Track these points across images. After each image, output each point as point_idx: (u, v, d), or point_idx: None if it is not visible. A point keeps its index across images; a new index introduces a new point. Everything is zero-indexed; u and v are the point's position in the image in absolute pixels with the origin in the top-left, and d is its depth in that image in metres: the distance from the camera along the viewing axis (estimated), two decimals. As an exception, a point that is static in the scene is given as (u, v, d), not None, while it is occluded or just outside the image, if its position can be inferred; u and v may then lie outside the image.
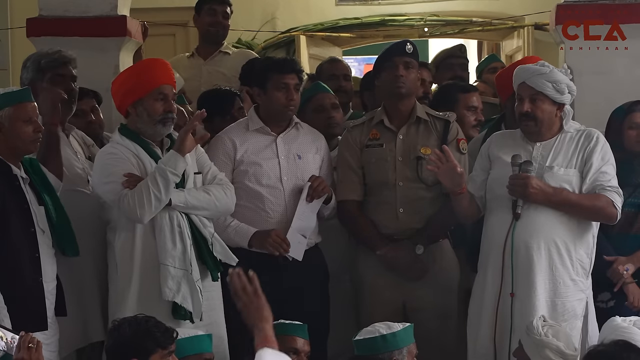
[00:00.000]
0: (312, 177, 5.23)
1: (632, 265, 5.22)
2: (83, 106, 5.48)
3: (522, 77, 4.95)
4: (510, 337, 4.79)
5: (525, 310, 4.78)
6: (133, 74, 5.00)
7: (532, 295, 4.79)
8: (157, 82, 4.86)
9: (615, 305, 5.23)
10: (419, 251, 5.22)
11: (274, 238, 5.12)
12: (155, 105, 4.82)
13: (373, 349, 4.40)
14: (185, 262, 4.75)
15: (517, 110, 4.95)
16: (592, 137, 4.95)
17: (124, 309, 4.63)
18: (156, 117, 4.83)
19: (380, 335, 4.41)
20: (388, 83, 5.29)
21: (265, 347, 3.61)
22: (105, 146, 5.04)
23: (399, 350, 4.43)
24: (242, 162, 5.24)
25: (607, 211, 4.88)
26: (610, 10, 5.92)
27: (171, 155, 4.74)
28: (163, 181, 4.67)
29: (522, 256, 4.81)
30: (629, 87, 5.92)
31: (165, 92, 4.85)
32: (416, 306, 5.25)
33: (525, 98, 4.90)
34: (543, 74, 4.88)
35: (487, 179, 5.02)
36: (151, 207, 4.66)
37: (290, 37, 9.15)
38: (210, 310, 4.86)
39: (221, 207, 4.94)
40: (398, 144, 5.29)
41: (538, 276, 4.80)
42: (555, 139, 4.97)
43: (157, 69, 4.94)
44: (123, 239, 4.78)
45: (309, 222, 5.20)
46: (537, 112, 4.89)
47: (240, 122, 5.44)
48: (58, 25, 6.00)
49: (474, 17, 9.47)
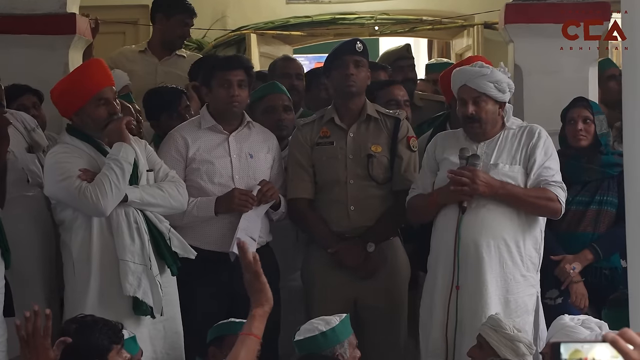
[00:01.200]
0: (263, 182, 5.24)
1: (578, 264, 5.28)
2: (24, 101, 5.44)
3: (462, 79, 4.97)
4: (455, 331, 4.83)
5: (478, 308, 4.81)
6: (70, 82, 4.92)
7: (483, 292, 4.82)
8: (95, 87, 4.80)
9: (562, 302, 5.29)
10: (370, 249, 5.24)
11: (238, 196, 5.13)
12: (98, 111, 4.79)
13: (314, 347, 4.35)
14: (144, 257, 4.74)
15: (461, 113, 4.97)
16: (534, 132, 5.00)
17: (84, 308, 4.58)
18: (101, 122, 4.80)
19: (320, 333, 4.36)
20: (339, 82, 5.30)
21: (246, 337, 3.59)
22: (54, 147, 4.98)
23: (341, 344, 4.41)
24: (194, 160, 5.24)
25: (551, 206, 4.93)
26: (559, 10, 5.97)
27: (119, 146, 4.74)
28: (120, 170, 4.67)
29: (472, 254, 4.84)
30: (576, 86, 5.99)
31: (105, 97, 4.81)
32: (367, 304, 5.27)
33: (468, 100, 4.93)
34: (484, 75, 4.91)
35: (435, 180, 5.04)
36: (113, 196, 4.65)
37: (240, 35, 9.13)
38: (168, 305, 4.85)
39: (175, 204, 4.94)
40: (349, 141, 5.31)
41: (489, 274, 4.83)
42: (498, 136, 5.01)
43: (93, 73, 4.88)
44: (80, 238, 4.75)
45: (255, 225, 5.20)
46: (481, 114, 4.92)
47: (193, 121, 5.43)
48: (6, 23, 5.92)
49: (424, 16, 9.50)
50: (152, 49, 6.87)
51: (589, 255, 5.29)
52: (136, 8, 8.41)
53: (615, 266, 5.36)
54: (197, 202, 5.15)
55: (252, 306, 3.63)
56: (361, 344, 4.75)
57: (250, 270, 3.59)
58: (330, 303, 5.14)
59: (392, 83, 6.05)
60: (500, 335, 4.41)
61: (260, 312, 3.60)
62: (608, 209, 5.34)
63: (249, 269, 3.59)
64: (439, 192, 4.96)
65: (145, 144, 5.03)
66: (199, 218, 5.14)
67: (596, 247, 5.29)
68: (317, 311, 5.19)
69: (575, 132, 5.40)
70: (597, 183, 5.38)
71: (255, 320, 3.58)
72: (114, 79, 5.01)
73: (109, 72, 4.97)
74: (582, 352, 2.04)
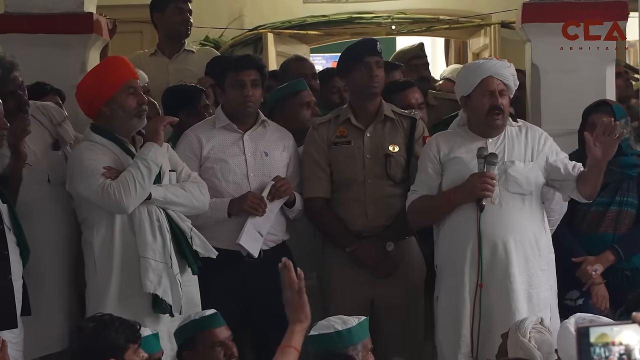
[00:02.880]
0: (277, 178, 5.24)
1: (600, 265, 5.26)
2: (48, 100, 5.43)
3: (488, 71, 4.95)
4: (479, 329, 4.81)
5: (506, 304, 4.81)
6: (98, 74, 4.96)
7: (510, 288, 4.82)
8: (124, 77, 4.85)
9: (583, 303, 5.29)
10: (389, 248, 5.24)
11: (251, 199, 5.14)
12: (128, 100, 4.81)
13: (327, 344, 4.31)
14: (165, 255, 4.75)
15: (490, 104, 4.93)
16: (539, 134, 5.03)
17: (105, 306, 4.59)
18: (132, 112, 4.82)
19: (336, 331, 4.34)
20: (362, 82, 5.29)
21: (286, 348, 3.64)
22: (79, 144, 4.99)
23: (354, 345, 4.38)
24: (208, 158, 5.25)
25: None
26: (576, 9, 5.96)
27: (150, 146, 4.77)
28: (146, 170, 4.70)
29: (498, 251, 4.84)
30: (593, 85, 5.97)
31: (134, 86, 4.86)
32: (384, 303, 5.27)
33: (496, 90, 4.91)
34: (508, 67, 4.96)
35: (441, 181, 5.02)
36: (136, 195, 4.67)
37: (257, 34, 9.13)
38: (188, 304, 4.84)
39: (197, 204, 4.95)
40: (366, 141, 5.30)
41: (515, 270, 4.83)
42: (503, 134, 5.01)
43: (119, 66, 4.92)
44: (102, 236, 4.76)
45: (266, 221, 5.20)
46: (505, 106, 4.93)
47: (207, 120, 5.45)
48: (23, 22, 5.94)
49: (441, 15, 9.48)
50: (161, 49, 6.88)
51: (610, 256, 5.28)
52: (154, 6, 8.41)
53: (637, 266, 5.35)
54: (211, 203, 5.16)
55: (290, 322, 3.71)
56: (377, 343, 4.75)
57: (293, 287, 3.62)
58: (347, 302, 5.14)
59: (407, 86, 6.03)
60: (515, 335, 4.34)
61: (299, 328, 3.70)
62: (628, 209, 5.33)
63: (292, 286, 3.61)
64: (456, 190, 4.93)
65: (167, 146, 5.04)
66: (212, 219, 5.15)
67: (617, 248, 5.27)
68: (333, 310, 5.17)
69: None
70: (617, 184, 5.36)
71: (294, 335, 3.69)
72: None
73: (133, 67, 5.00)
74: (609, 335, 2.03)
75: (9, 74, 4.89)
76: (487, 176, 4.83)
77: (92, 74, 5.02)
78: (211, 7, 8.86)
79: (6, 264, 4.48)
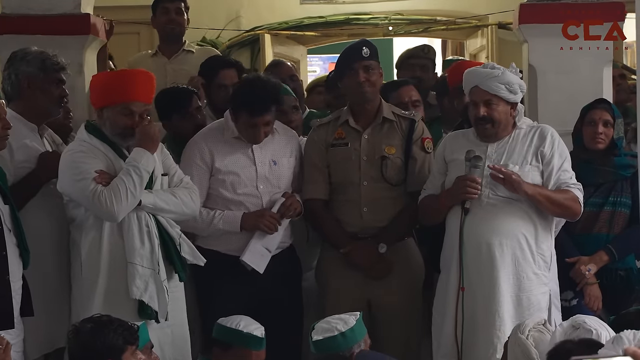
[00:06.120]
0: (286, 194, 5.25)
1: (594, 265, 5.27)
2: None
3: (473, 81, 4.96)
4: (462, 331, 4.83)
5: (490, 307, 4.81)
6: (111, 78, 4.96)
7: (495, 291, 4.82)
8: (130, 97, 4.79)
9: (577, 304, 5.29)
10: (382, 250, 5.24)
11: (268, 219, 5.15)
12: (119, 118, 4.78)
13: (334, 347, 4.37)
14: (153, 261, 4.73)
15: (473, 115, 4.96)
16: (546, 134, 4.99)
17: (90, 309, 4.57)
18: (116, 130, 4.79)
19: (340, 333, 4.38)
20: (351, 89, 5.29)
21: None
22: (72, 144, 4.98)
23: (358, 344, 4.43)
24: (220, 171, 5.23)
25: (575, 207, 4.94)
26: (575, 10, 5.96)
27: (141, 152, 4.73)
28: (138, 178, 4.67)
29: (482, 254, 4.85)
30: (591, 86, 5.97)
31: (132, 109, 4.78)
32: (381, 304, 5.27)
33: (479, 102, 4.92)
34: (496, 77, 4.90)
35: (444, 180, 5.04)
36: (127, 204, 4.64)
37: (254, 35, 9.14)
38: (175, 310, 4.84)
39: (187, 211, 4.92)
40: (363, 143, 5.30)
41: (501, 273, 4.83)
42: (509, 137, 5.00)
43: (137, 83, 4.87)
44: (90, 238, 4.74)
45: (275, 237, 5.21)
46: (493, 115, 4.92)
47: (216, 129, 5.39)
48: (21, 23, 5.94)
49: (438, 16, 9.49)
50: (161, 50, 6.91)
51: (604, 256, 5.28)
52: (151, 8, 8.41)
53: (631, 267, 5.36)
54: (223, 215, 5.17)
55: None
56: (376, 344, 4.76)
57: None
58: (344, 303, 5.14)
59: (402, 84, 6.04)
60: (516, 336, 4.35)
61: None
62: (622, 210, 5.34)
63: None
64: (445, 193, 4.97)
65: (162, 147, 5.00)
66: (223, 231, 5.16)
67: (611, 249, 5.28)
68: (330, 311, 5.19)
69: (594, 135, 5.38)
70: (611, 184, 5.37)
71: None
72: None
73: (152, 90, 4.95)
74: None
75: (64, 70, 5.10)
76: (470, 179, 4.84)
77: (108, 75, 5.05)
78: (208, 9, 8.86)
79: (4, 265, 4.48)
